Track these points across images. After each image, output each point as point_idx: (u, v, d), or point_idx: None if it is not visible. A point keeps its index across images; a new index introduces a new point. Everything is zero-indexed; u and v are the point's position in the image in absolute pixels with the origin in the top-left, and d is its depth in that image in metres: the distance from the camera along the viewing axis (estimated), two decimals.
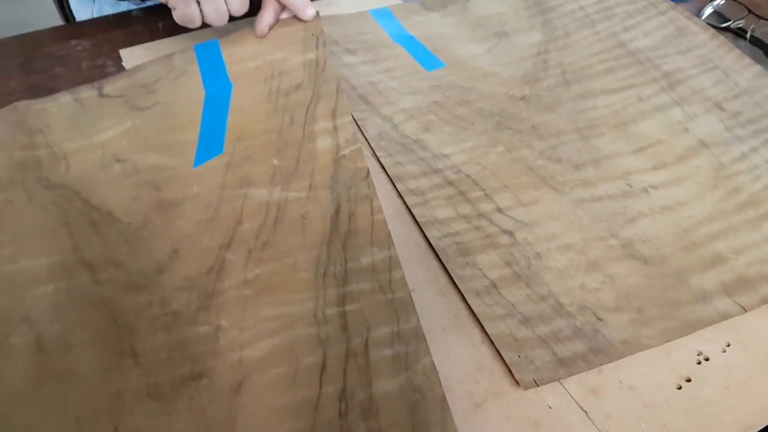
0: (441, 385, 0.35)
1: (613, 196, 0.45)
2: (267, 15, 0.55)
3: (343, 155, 0.47)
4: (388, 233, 0.42)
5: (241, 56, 0.56)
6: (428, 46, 0.62)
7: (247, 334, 0.38)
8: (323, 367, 0.37)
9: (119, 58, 0.62)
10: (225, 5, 0.51)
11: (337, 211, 0.44)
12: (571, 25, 0.63)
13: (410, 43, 0.61)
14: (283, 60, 0.55)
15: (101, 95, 0.54)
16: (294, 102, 0.50)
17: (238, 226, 0.44)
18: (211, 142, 0.47)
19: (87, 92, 0.55)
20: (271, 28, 0.57)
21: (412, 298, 0.39)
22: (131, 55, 0.62)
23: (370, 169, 0.47)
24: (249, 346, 0.38)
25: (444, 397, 0.35)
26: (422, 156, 0.49)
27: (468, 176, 0.47)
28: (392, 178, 0.47)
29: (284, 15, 0.58)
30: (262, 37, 0.56)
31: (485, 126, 0.52)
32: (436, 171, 0.48)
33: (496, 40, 0.61)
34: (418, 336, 0.37)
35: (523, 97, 0.54)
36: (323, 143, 0.48)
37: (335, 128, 0.49)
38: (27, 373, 0.37)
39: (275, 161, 0.47)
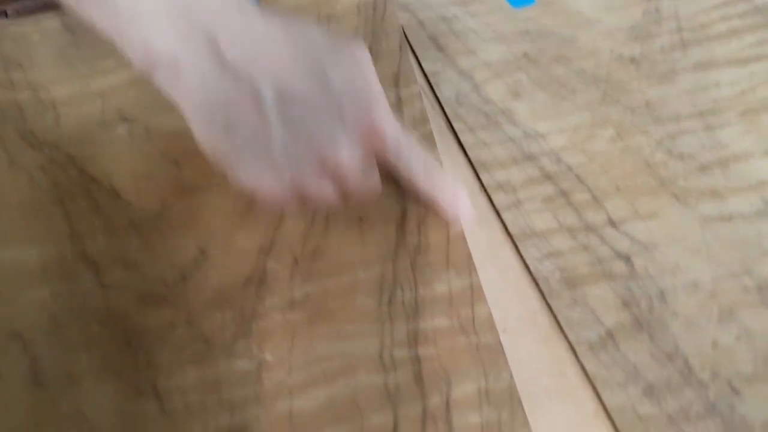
0: None
1: (746, 215, 0.36)
2: None
3: None
4: (469, 254, 0.34)
5: None
6: None
7: (298, 376, 0.30)
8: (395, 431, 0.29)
9: None
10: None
11: (403, 217, 0.35)
12: None
13: None
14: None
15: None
16: None
17: (280, 224, 0.34)
18: None
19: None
20: None
21: (502, 345, 0.31)
22: None
23: (446, 150, 0.37)
24: (301, 394, 0.30)
25: None
26: (512, 134, 0.39)
27: (570, 168, 0.38)
28: (474, 164, 0.38)
29: None
30: None
31: (589, 96, 0.41)
32: (530, 157, 0.38)
33: None
34: (513, 398, 0.30)
35: (633, 60, 0.44)
36: None
37: (399, 101, 0.39)
38: (20, 413, 0.29)
39: None
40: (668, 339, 0.32)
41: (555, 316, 0.32)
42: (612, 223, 0.36)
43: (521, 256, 0.34)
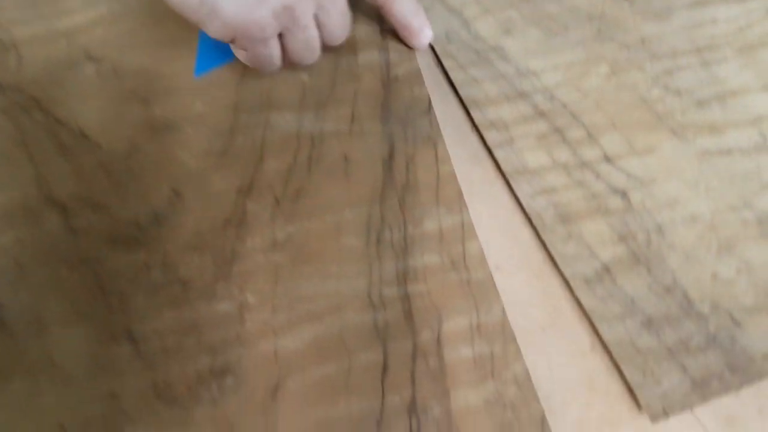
0: (539, 401, 0.27)
1: (745, 149, 0.35)
2: None
3: (396, 77, 0.35)
4: (459, 191, 0.32)
5: None
6: None
7: (282, 316, 0.29)
8: (384, 369, 0.28)
9: None
10: (318, 36, 0.33)
11: (390, 155, 0.33)
12: None
13: None
14: None
15: None
16: None
17: (260, 164, 0.33)
18: (217, 41, 0.35)
19: None
20: None
21: (493, 280, 0.30)
22: None
23: (435, 89, 0.35)
24: (285, 334, 0.29)
25: (543, 416, 0.27)
26: (503, 71, 0.38)
27: (564, 106, 0.36)
28: (465, 102, 0.36)
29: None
30: None
31: (583, 33, 0.40)
32: (523, 95, 0.37)
33: None
34: (505, 332, 0.29)
35: None
36: (368, 57, 0.36)
37: (384, 35, 0.37)
38: None
39: (304, 76, 0.35)
40: (666, 272, 0.31)
41: (549, 252, 0.31)
42: (607, 158, 0.34)
43: (514, 194, 0.33)
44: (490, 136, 0.35)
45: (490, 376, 0.28)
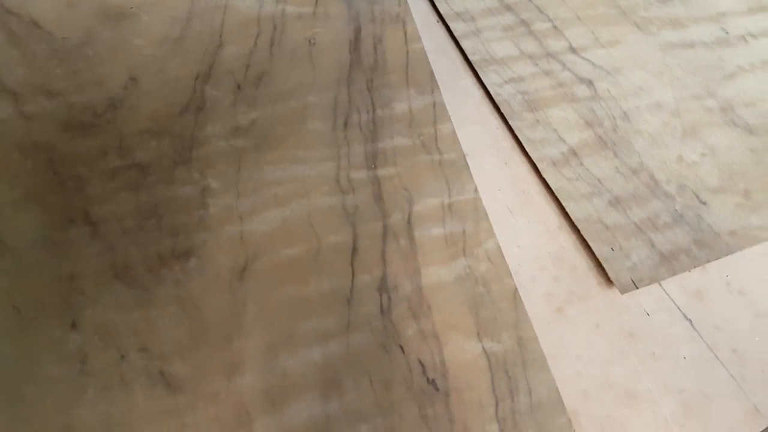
0: (511, 275, 0.27)
1: (708, 43, 0.35)
2: None
3: None
4: (430, 71, 0.32)
5: None
6: None
7: (247, 201, 0.28)
8: (354, 250, 0.27)
9: None
10: None
11: (356, 37, 0.32)
12: None
13: None
14: None
15: None
16: None
17: (219, 50, 0.31)
18: None
19: None
20: None
21: (466, 160, 0.29)
22: None
23: None
24: (251, 218, 0.28)
25: (516, 290, 0.27)
26: None
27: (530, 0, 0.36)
28: None
29: None
30: None
31: None
32: None
33: None
34: (478, 210, 0.28)
35: None
36: None
37: None
38: None
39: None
40: (633, 155, 0.31)
41: (517, 139, 0.31)
42: (573, 50, 0.34)
43: (481, 83, 0.32)
44: (457, 27, 0.34)
45: (462, 254, 0.28)
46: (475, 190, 0.29)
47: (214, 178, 0.28)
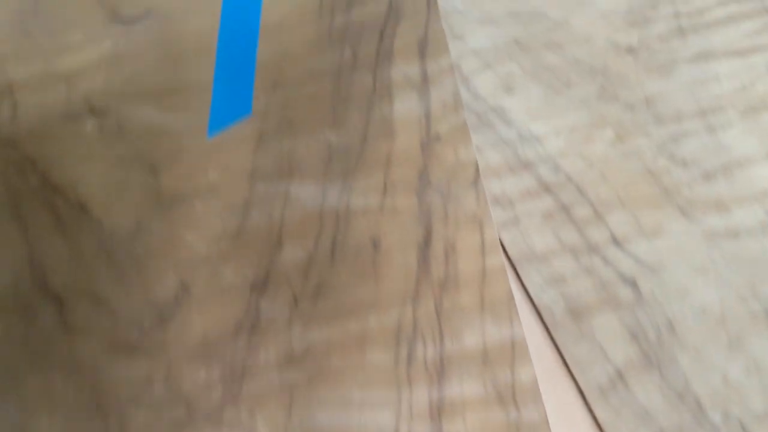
0: None
1: (751, 230, 0.34)
2: None
3: (438, 135, 0.31)
4: (509, 293, 0.29)
5: None
6: None
7: None
8: None
9: None
10: None
11: (426, 241, 0.30)
12: None
13: None
14: None
15: None
16: (359, 21, 0.32)
17: (277, 250, 0.29)
18: (232, 91, 0.31)
19: None
20: None
21: (548, 424, 0.27)
22: None
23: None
24: None
25: None
26: (506, 136, 0.35)
27: (569, 178, 0.34)
28: None
29: None
30: None
31: (586, 90, 0.37)
32: (527, 165, 0.34)
33: None
34: None
35: (630, 49, 0.40)
36: (405, 107, 0.31)
37: (425, 78, 0.32)
38: None
39: (331, 135, 0.31)
40: (678, 375, 0.30)
41: (558, 349, 0.29)
42: (615, 240, 0.33)
43: (519, 278, 0.31)
44: (495, 215, 0.32)
45: None
46: None
47: (263, 422, 0.26)
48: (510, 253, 0.32)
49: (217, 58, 0.31)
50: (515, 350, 0.27)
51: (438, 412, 0.26)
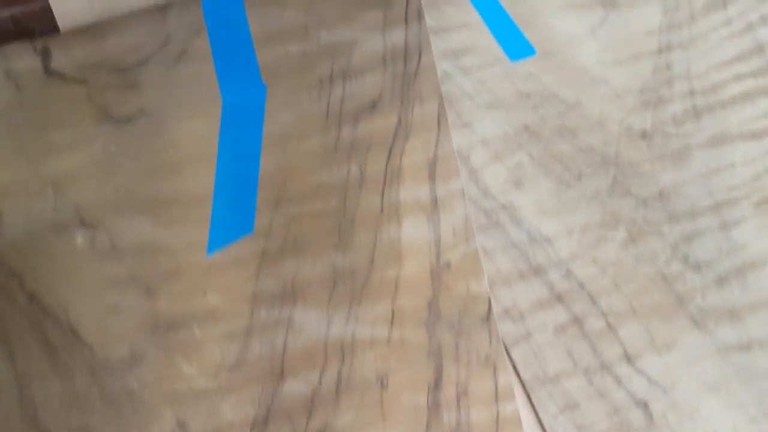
0: None
1: (763, 341, 0.33)
2: None
3: (448, 263, 0.29)
4: None
5: (276, 26, 0.33)
6: (506, 4, 0.42)
7: None
8: None
9: None
10: None
11: (437, 381, 0.28)
12: (697, 1, 0.45)
13: (489, 6, 0.41)
14: (349, 43, 0.32)
15: (48, 71, 0.32)
16: (366, 136, 0.30)
17: (279, 384, 0.28)
18: (233, 205, 0.29)
19: (23, 60, 0.32)
20: None
21: None
22: None
23: None
24: None
25: None
26: (516, 238, 0.34)
27: (581, 285, 0.33)
28: None
29: None
30: None
31: (597, 184, 0.36)
32: (538, 270, 0.33)
33: (602, 14, 0.43)
34: None
35: (644, 134, 0.39)
36: (414, 231, 0.30)
37: (435, 202, 0.30)
38: None
39: (336, 257, 0.29)
40: None
41: None
42: (628, 357, 0.32)
43: (531, 403, 0.30)
44: (506, 330, 0.31)
45: None
46: None
47: None
48: (522, 375, 0.31)
49: (218, 167, 0.30)
50: None
51: None
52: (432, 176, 0.30)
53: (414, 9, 0.32)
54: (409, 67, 0.31)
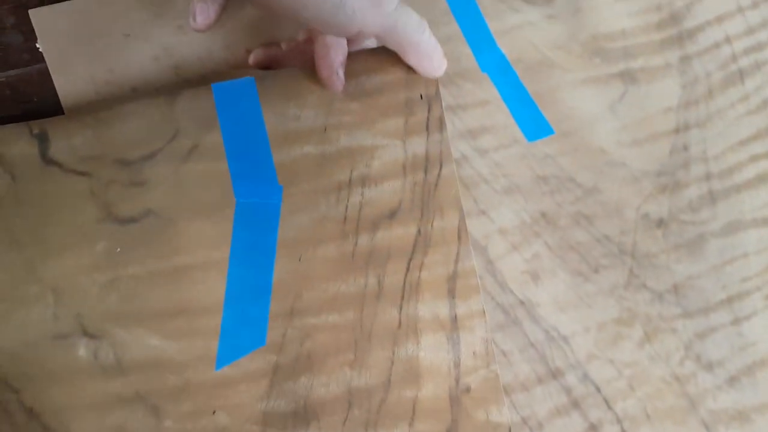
0: None
1: None
2: (334, 54, 0.31)
3: (468, 387, 0.29)
4: None
5: (294, 125, 0.32)
6: (523, 77, 0.42)
7: None
8: None
9: (29, 28, 0.36)
10: None
11: None
12: (715, 75, 0.44)
13: (508, 84, 0.41)
14: (369, 148, 0.31)
15: (46, 159, 0.31)
16: (385, 246, 0.29)
17: None
18: (245, 318, 0.29)
19: (18, 145, 0.31)
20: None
21: None
22: (51, 24, 0.36)
23: None
24: None
25: None
26: (533, 337, 0.34)
27: (598, 390, 0.33)
28: None
29: (369, 43, 0.34)
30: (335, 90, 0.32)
31: (615, 278, 0.36)
32: (555, 374, 0.33)
33: (622, 89, 0.42)
34: None
35: (660, 222, 0.39)
36: (433, 351, 0.29)
37: (454, 321, 0.29)
38: None
39: (352, 375, 0.29)
40: None
41: None
42: None
43: None
44: None
45: None
46: None
47: None
48: None
49: (229, 274, 0.29)
50: None
51: None
52: (452, 293, 0.29)
53: (435, 118, 0.31)
54: (429, 178, 0.30)
